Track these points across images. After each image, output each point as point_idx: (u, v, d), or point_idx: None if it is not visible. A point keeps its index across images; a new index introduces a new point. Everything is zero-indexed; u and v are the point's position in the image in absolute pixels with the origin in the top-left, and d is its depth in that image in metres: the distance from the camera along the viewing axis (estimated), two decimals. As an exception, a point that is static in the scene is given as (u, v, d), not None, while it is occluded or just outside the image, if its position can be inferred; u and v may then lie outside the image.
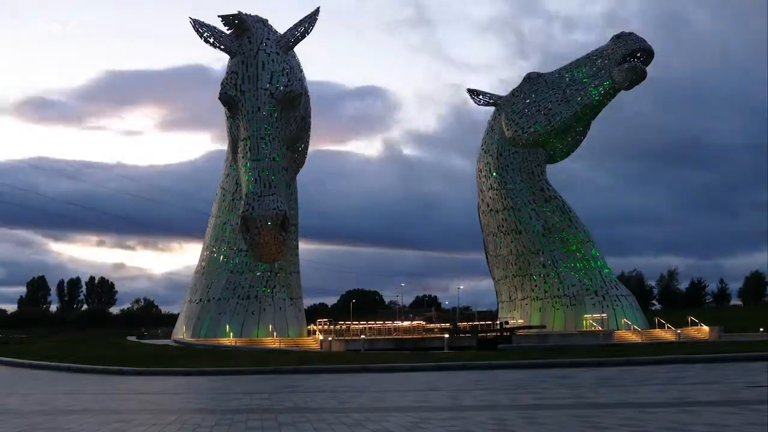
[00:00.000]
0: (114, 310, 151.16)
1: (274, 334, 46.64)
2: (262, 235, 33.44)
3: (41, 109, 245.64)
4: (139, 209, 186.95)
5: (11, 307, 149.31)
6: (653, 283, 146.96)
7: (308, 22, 40.17)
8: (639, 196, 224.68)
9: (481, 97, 63.48)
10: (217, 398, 16.40)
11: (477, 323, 68.61)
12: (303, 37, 40.13)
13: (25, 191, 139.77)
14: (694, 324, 58.06)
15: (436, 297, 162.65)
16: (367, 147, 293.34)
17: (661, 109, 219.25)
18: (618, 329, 53.11)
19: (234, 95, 37.21)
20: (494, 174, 61.43)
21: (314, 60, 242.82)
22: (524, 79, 60.88)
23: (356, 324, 65.00)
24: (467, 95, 63.87)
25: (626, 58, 53.75)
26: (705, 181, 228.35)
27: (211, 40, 39.34)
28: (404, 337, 61.28)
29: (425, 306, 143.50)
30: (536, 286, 59.79)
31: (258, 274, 48.25)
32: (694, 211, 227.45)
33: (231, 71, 38.18)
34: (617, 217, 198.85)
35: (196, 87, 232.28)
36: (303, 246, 57.83)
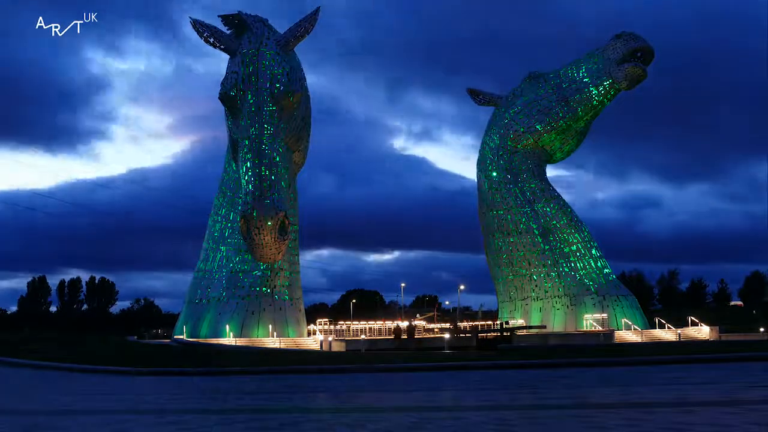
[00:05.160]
0: (114, 310, 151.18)
1: (274, 334, 46.61)
2: (262, 234, 33.44)
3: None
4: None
5: (11, 307, 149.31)
6: (653, 283, 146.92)
7: (308, 22, 40.20)
8: None
9: (480, 96, 63.48)
10: (217, 398, 16.39)
11: (477, 323, 68.69)
12: (303, 37, 40.14)
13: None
14: (694, 324, 58.05)
15: (436, 297, 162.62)
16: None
17: None
18: (618, 329, 53.10)
19: (234, 95, 37.23)
20: (494, 174, 61.39)
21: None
22: (524, 78, 60.86)
23: (356, 324, 65.04)
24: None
25: (627, 58, 53.69)
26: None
27: (212, 40, 39.36)
28: (404, 337, 61.29)
29: (425, 306, 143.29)
30: (536, 286, 59.74)
31: (258, 273, 48.18)
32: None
33: (231, 71, 38.17)
34: None
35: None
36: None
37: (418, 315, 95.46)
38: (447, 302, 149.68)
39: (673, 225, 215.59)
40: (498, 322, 61.51)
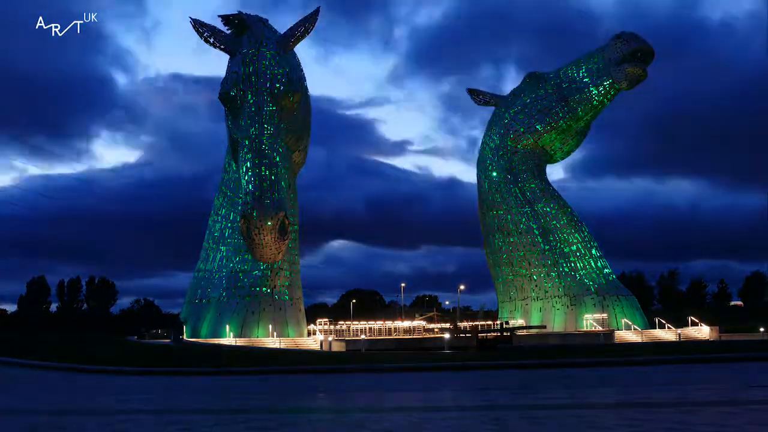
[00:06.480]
0: (114, 310, 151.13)
1: (274, 334, 46.61)
2: (262, 234, 33.44)
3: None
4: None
5: (11, 307, 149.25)
6: (653, 283, 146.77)
7: (308, 21, 40.20)
8: None
9: (481, 96, 63.46)
10: (217, 398, 16.39)
11: (477, 323, 68.66)
12: (303, 36, 40.15)
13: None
14: (694, 324, 58.04)
15: (437, 297, 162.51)
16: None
17: None
18: (618, 329, 53.08)
19: (234, 95, 37.22)
20: (494, 174, 61.38)
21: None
22: (525, 78, 60.84)
23: (356, 324, 65.02)
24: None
25: (627, 58, 53.70)
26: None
27: (212, 40, 39.37)
28: (404, 337, 61.33)
29: (425, 306, 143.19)
30: (536, 286, 59.73)
31: (258, 273, 48.18)
32: None
33: (231, 71, 38.17)
34: None
35: None
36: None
37: (417, 315, 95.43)
38: (447, 302, 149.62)
39: (674, 224, 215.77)
40: (498, 322, 61.51)
